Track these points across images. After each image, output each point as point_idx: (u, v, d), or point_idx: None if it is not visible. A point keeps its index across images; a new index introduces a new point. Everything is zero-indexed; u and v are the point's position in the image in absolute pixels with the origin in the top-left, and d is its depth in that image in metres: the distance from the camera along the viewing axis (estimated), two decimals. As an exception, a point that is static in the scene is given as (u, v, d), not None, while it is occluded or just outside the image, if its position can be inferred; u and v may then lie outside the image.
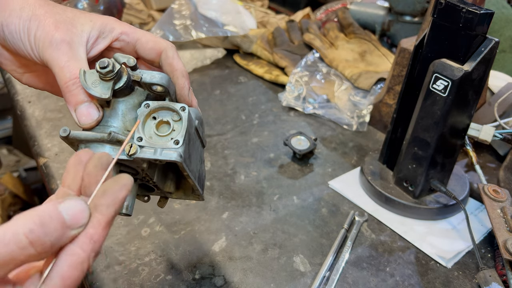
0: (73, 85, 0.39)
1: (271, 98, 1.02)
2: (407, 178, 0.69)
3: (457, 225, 0.68)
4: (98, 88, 0.39)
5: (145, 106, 0.40)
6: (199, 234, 0.64)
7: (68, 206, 0.28)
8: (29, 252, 0.25)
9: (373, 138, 0.89)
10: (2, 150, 2.21)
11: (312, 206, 0.70)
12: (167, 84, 0.41)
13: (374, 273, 0.59)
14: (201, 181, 0.48)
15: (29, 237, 0.25)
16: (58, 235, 0.27)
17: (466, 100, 0.61)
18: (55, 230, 0.26)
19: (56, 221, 0.27)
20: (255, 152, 0.83)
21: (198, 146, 0.46)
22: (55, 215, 0.27)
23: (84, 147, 0.40)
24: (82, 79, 0.38)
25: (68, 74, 0.39)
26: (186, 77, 0.45)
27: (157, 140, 0.39)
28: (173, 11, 1.15)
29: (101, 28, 0.43)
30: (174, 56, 0.45)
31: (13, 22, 0.40)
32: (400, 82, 0.85)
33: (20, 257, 0.25)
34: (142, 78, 0.41)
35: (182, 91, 0.45)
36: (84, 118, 0.39)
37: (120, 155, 0.38)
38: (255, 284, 0.57)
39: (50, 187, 0.72)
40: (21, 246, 0.25)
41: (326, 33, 1.15)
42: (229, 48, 1.21)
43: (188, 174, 0.42)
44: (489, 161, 0.84)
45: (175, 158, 0.38)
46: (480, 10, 0.55)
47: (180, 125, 0.40)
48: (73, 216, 0.28)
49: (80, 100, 0.40)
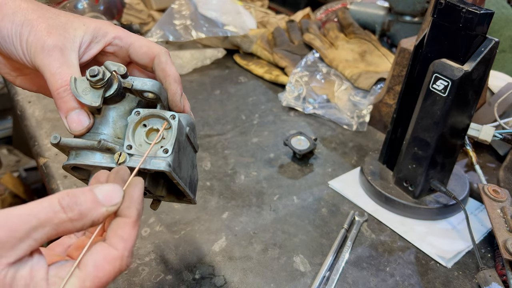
0: (64, 92, 0.40)
1: (271, 98, 1.02)
2: (407, 178, 0.69)
3: (457, 225, 0.68)
4: (89, 96, 0.39)
5: (136, 114, 0.40)
6: (199, 234, 0.64)
7: (101, 187, 0.31)
8: (61, 217, 0.28)
9: (373, 138, 0.89)
10: (2, 150, 2.21)
11: (312, 206, 0.70)
12: (158, 91, 0.41)
13: (374, 273, 0.59)
14: (192, 186, 0.48)
15: (62, 203, 0.29)
16: (89, 207, 0.30)
17: (466, 100, 0.61)
18: (86, 201, 0.30)
19: (88, 195, 0.30)
20: (255, 152, 0.83)
21: (189, 152, 0.46)
22: (87, 191, 0.30)
23: (75, 154, 0.40)
24: (73, 86, 0.39)
25: (60, 81, 0.39)
26: (179, 83, 0.45)
27: (147, 148, 0.39)
28: (173, 11, 1.15)
29: (94, 32, 0.43)
30: (167, 61, 0.45)
31: (6, 26, 0.41)
32: (400, 82, 0.85)
33: (54, 220, 0.28)
34: (133, 85, 0.41)
35: (174, 97, 0.45)
36: (74, 125, 0.40)
37: (110, 163, 0.39)
38: (255, 284, 0.57)
39: (50, 187, 0.72)
40: (55, 210, 0.28)
41: (326, 33, 1.15)
42: (229, 48, 1.21)
43: (178, 182, 0.42)
44: (489, 161, 0.84)
45: (163, 168, 0.38)
46: (480, 10, 0.55)
47: (170, 133, 0.40)
48: (105, 195, 0.31)
49: (71, 107, 0.40)
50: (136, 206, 0.32)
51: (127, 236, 0.31)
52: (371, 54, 1.08)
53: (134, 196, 0.32)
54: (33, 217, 0.27)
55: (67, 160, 0.41)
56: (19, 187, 1.84)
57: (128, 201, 0.32)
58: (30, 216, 0.27)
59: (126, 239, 0.31)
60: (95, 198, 0.30)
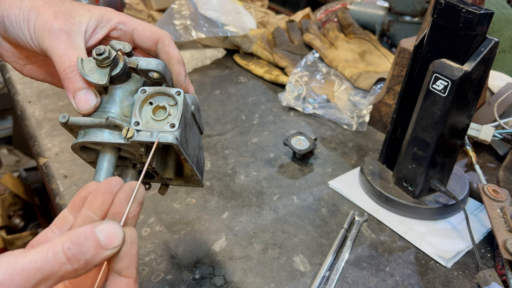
0: (71, 72, 0.40)
1: (271, 98, 1.02)
2: (406, 178, 0.69)
3: (457, 225, 0.68)
4: (95, 75, 0.39)
5: (142, 92, 0.41)
6: (199, 234, 0.64)
7: (103, 228, 0.30)
8: (67, 268, 0.28)
9: (373, 138, 0.89)
10: (2, 150, 2.21)
11: (312, 206, 0.70)
12: (163, 70, 0.42)
13: (374, 273, 0.59)
14: (199, 167, 0.48)
15: (67, 254, 0.28)
16: (93, 254, 0.29)
17: (465, 100, 0.61)
18: (90, 249, 0.29)
19: (92, 241, 0.29)
20: (255, 152, 0.83)
21: (195, 132, 0.47)
22: (91, 236, 0.29)
23: (83, 133, 0.41)
24: (80, 66, 0.39)
25: (67, 62, 0.40)
26: (182, 64, 0.46)
27: (154, 125, 0.40)
28: (173, 11, 1.15)
29: (99, 18, 0.45)
30: (171, 44, 0.46)
31: (14, 12, 0.42)
32: (400, 82, 0.85)
33: (59, 273, 0.28)
34: (138, 65, 0.41)
35: (179, 77, 0.46)
36: (82, 104, 0.40)
37: (118, 139, 0.40)
38: (255, 284, 0.57)
39: (50, 187, 0.72)
40: (60, 262, 0.28)
41: (326, 33, 1.15)
42: (229, 48, 1.21)
43: (186, 157, 0.42)
44: (488, 161, 0.84)
45: (171, 140, 0.39)
46: (480, 10, 0.55)
47: (176, 109, 0.40)
48: (107, 238, 0.30)
49: (78, 87, 0.41)
50: (136, 264, 0.32)
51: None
52: (371, 54, 1.08)
53: (133, 254, 0.32)
54: (38, 272, 0.27)
55: (76, 140, 0.41)
56: (19, 187, 1.84)
57: (128, 261, 0.32)
58: (36, 271, 0.27)
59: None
60: (98, 242, 0.30)
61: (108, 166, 0.41)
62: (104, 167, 0.41)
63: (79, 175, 0.73)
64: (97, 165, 0.42)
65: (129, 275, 0.32)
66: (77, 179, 0.72)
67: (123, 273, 0.32)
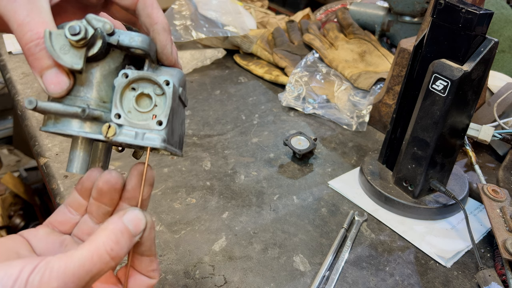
0: (36, 47, 0.33)
1: (271, 98, 1.02)
2: (406, 178, 0.69)
3: (457, 225, 0.68)
4: (68, 56, 0.33)
5: (123, 76, 0.35)
6: (199, 234, 0.64)
7: (130, 218, 0.32)
8: (110, 265, 0.30)
9: (373, 138, 0.89)
10: (3, 150, 2.21)
11: (312, 206, 0.70)
12: (148, 47, 0.36)
13: (374, 273, 0.59)
14: (181, 144, 0.43)
15: (111, 254, 0.30)
16: (129, 246, 0.32)
17: (465, 100, 0.61)
18: (126, 242, 0.31)
19: (126, 235, 0.31)
20: (255, 152, 0.83)
21: (180, 111, 0.41)
22: (124, 229, 0.31)
23: (54, 119, 0.35)
24: (49, 44, 0.33)
25: (29, 33, 0.33)
26: (168, 32, 0.39)
27: (137, 116, 0.35)
28: (173, 11, 1.15)
29: None
30: (154, 5, 0.39)
31: None
32: (399, 82, 0.85)
33: (104, 270, 0.30)
34: (119, 41, 0.35)
35: (165, 49, 0.39)
36: (52, 86, 0.34)
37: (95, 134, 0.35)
38: (255, 283, 0.57)
39: (50, 187, 0.72)
40: (105, 262, 0.30)
41: (326, 34, 1.15)
42: (229, 49, 1.21)
43: (170, 151, 0.38)
44: (488, 161, 0.84)
45: (158, 145, 0.35)
46: (480, 11, 0.55)
47: (164, 101, 0.35)
48: (135, 226, 0.32)
49: (46, 66, 0.34)
50: (155, 244, 0.36)
51: (157, 267, 0.36)
52: (371, 54, 1.09)
53: (152, 237, 0.35)
54: (88, 274, 0.29)
55: (44, 126, 0.35)
56: (20, 187, 1.84)
57: (149, 244, 0.35)
58: (86, 273, 0.29)
59: (158, 269, 0.36)
60: (130, 233, 0.32)
61: (84, 155, 0.37)
62: (78, 156, 0.37)
63: (79, 175, 0.73)
64: (71, 153, 0.37)
65: (151, 254, 0.35)
66: (77, 179, 0.72)
67: (145, 253, 0.35)
